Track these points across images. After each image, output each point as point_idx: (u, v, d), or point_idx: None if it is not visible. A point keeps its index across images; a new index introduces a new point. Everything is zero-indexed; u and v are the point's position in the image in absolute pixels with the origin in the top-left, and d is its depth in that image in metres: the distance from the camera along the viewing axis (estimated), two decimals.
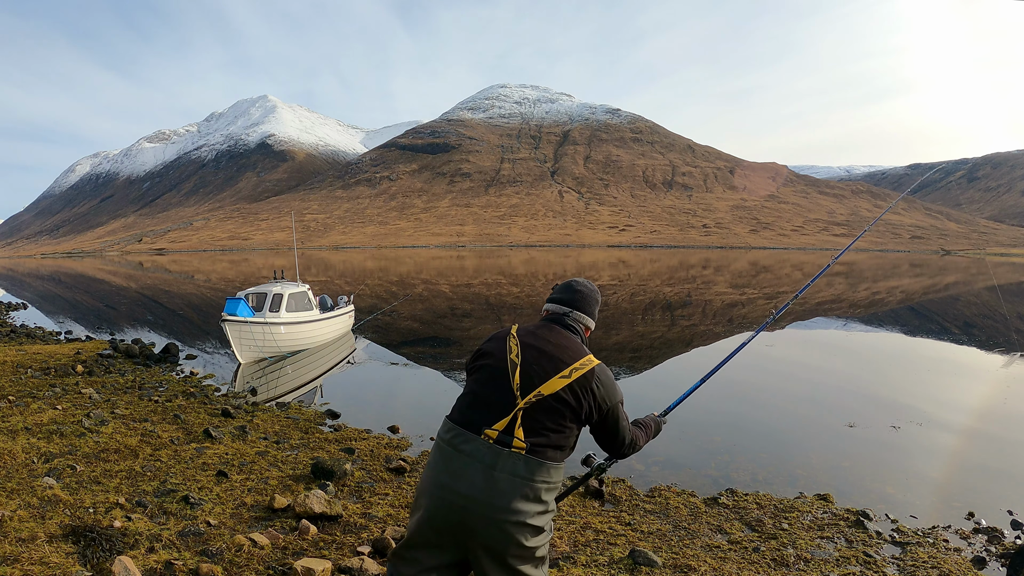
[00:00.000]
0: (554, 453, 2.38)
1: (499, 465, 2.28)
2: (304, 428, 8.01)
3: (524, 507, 2.28)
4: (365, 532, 4.69)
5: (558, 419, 2.39)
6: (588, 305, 2.74)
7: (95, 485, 5.26)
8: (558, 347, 2.51)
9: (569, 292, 2.73)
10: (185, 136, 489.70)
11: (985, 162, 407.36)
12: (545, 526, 2.39)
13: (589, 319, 2.75)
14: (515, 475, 2.28)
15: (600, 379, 2.50)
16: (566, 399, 2.40)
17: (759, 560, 4.58)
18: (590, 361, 2.52)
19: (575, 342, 2.58)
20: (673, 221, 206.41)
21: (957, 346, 16.19)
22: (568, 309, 2.70)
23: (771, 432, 8.58)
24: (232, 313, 12.81)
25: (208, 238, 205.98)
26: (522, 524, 2.28)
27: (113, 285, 44.99)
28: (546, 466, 2.33)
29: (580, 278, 2.84)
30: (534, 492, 2.30)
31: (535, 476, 2.30)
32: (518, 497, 2.27)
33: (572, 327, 2.66)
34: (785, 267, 61.35)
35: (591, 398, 2.47)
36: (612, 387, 2.55)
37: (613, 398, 2.54)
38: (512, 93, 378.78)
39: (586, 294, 2.75)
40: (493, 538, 2.29)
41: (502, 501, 2.26)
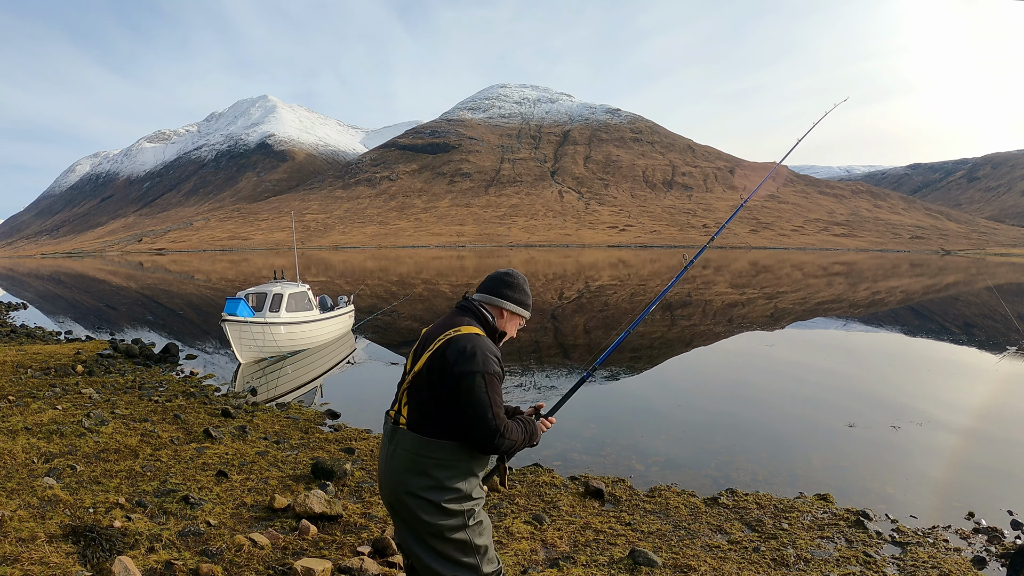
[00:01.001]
0: (437, 431, 2.38)
1: (394, 440, 2.46)
2: (304, 428, 8.01)
3: (413, 480, 2.38)
4: (365, 532, 4.69)
5: (428, 393, 2.40)
6: (498, 287, 2.68)
7: (95, 485, 5.26)
8: (441, 325, 2.55)
9: (485, 279, 2.76)
10: (185, 136, 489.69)
11: (985, 162, 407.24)
12: (445, 503, 2.38)
13: (499, 299, 2.66)
14: (404, 449, 2.41)
15: (452, 343, 2.37)
16: (429, 370, 2.40)
17: (759, 560, 4.58)
18: (458, 331, 2.43)
19: (460, 318, 2.54)
20: (673, 221, 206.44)
21: (957, 346, 16.19)
22: (476, 293, 2.72)
23: (771, 432, 8.58)
24: (232, 313, 12.81)
25: (208, 238, 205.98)
26: (415, 496, 2.38)
27: (113, 285, 44.99)
28: (428, 442, 2.38)
29: (509, 269, 2.80)
30: (420, 466, 2.38)
31: (419, 451, 2.38)
32: (407, 471, 2.40)
33: (470, 308, 2.62)
34: (785, 267, 61.34)
35: (439, 364, 2.36)
36: (469, 354, 2.33)
37: (466, 364, 2.31)
38: (512, 93, 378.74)
39: (493, 277, 2.73)
40: (397, 510, 2.46)
41: (396, 474, 2.43)
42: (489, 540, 2.55)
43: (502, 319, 2.69)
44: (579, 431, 8.41)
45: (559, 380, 11.77)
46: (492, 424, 2.32)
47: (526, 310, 2.76)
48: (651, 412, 9.70)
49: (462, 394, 2.33)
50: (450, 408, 2.37)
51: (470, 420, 2.33)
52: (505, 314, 2.69)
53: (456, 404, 2.35)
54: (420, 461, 2.38)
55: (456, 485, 2.41)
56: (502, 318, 2.69)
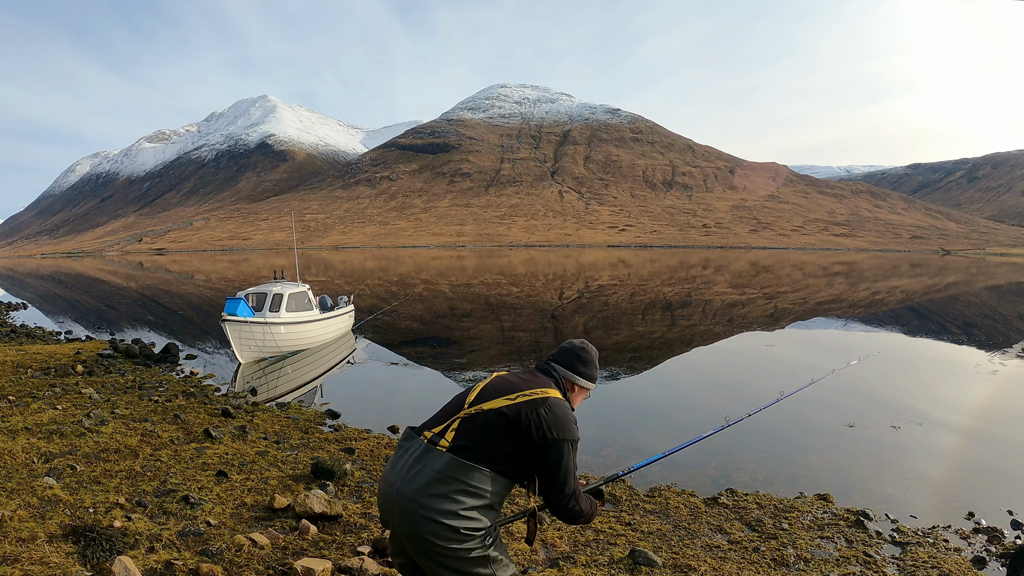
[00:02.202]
0: (478, 458, 2.41)
1: (424, 459, 2.44)
2: (304, 428, 8.01)
3: (433, 503, 2.36)
4: (365, 532, 4.69)
5: (490, 430, 2.45)
6: (572, 361, 2.82)
7: (95, 485, 5.26)
8: (522, 380, 2.63)
9: (561, 351, 2.88)
10: (185, 136, 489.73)
11: (985, 162, 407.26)
12: (464, 530, 2.37)
13: (572, 375, 2.80)
14: (434, 470, 2.39)
15: (551, 407, 2.50)
16: (505, 414, 2.47)
17: (759, 560, 4.58)
18: (547, 392, 2.55)
19: (543, 380, 2.66)
20: (673, 221, 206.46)
21: (957, 346, 16.19)
22: (552, 363, 2.85)
23: (771, 432, 8.58)
24: (232, 313, 12.81)
25: (208, 238, 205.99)
26: (429, 519, 2.35)
27: (113, 285, 44.99)
28: (465, 467, 2.38)
29: (578, 340, 2.92)
30: (448, 490, 2.36)
31: (452, 474, 2.38)
32: (429, 492, 2.37)
33: (553, 376, 2.76)
34: (785, 267, 61.35)
35: (534, 419, 2.46)
36: (565, 422, 2.50)
37: (562, 432, 2.48)
38: (512, 93, 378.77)
39: (569, 351, 2.85)
40: (405, 528, 2.42)
41: (414, 492, 2.38)
42: (504, 551, 2.56)
43: (573, 392, 2.83)
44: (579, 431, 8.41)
45: None
46: (570, 490, 2.50)
47: (594, 384, 2.89)
48: (651, 412, 9.70)
49: (552, 457, 2.45)
50: (523, 459, 2.46)
51: (554, 482, 2.48)
52: (576, 388, 2.83)
53: (536, 461, 2.47)
54: (447, 483, 2.37)
55: (476, 515, 2.41)
56: (573, 392, 2.83)
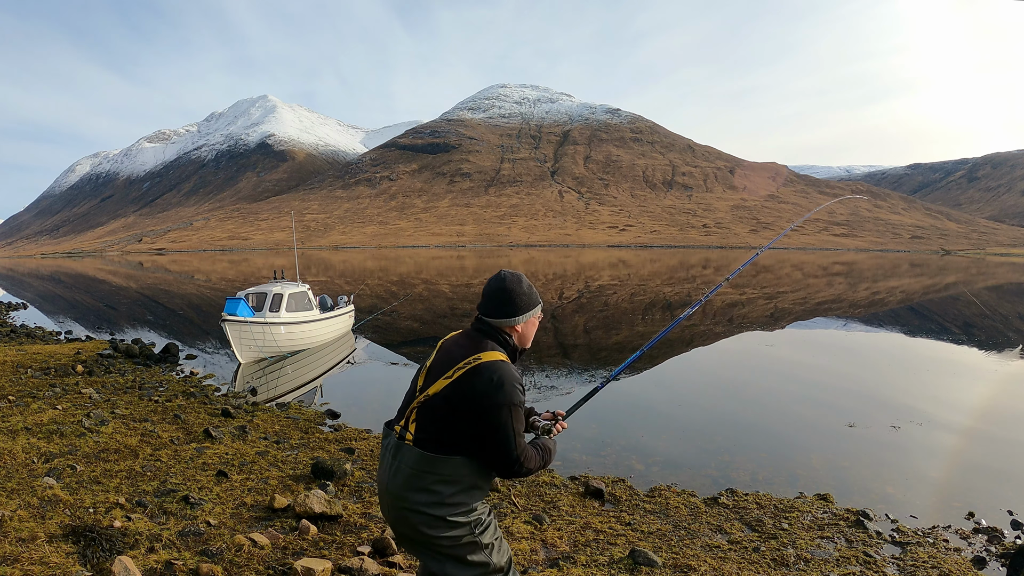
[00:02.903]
0: (442, 447, 2.38)
1: (398, 456, 2.45)
2: (304, 428, 8.01)
3: (416, 496, 2.39)
4: (365, 532, 4.69)
5: (443, 416, 2.40)
6: (500, 306, 2.57)
7: (95, 485, 5.25)
8: (460, 348, 2.50)
9: (483, 300, 2.64)
10: (185, 136, 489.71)
11: (985, 162, 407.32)
12: (450, 517, 2.40)
13: (506, 320, 2.58)
14: (408, 466, 2.41)
15: (480, 374, 2.36)
16: (447, 396, 2.39)
17: (759, 560, 4.58)
18: (480, 358, 2.40)
19: (482, 342, 2.50)
20: (673, 221, 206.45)
21: (957, 346, 16.19)
22: (481, 316, 2.63)
23: (771, 432, 8.58)
24: (232, 313, 12.81)
25: (208, 238, 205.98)
26: (418, 512, 2.39)
27: (113, 285, 44.99)
28: (434, 459, 2.38)
29: (501, 275, 2.64)
30: (423, 482, 2.39)
31: (423, 467, 2.39)
32: (410, 487, 2.40)
33: (484, 330, 2.58)
34: (785, 267, 61.34)
35: (467, 392, 2.36)
36: (497, 385, 2.33)
37: (494, 397, 2.32)
38: (512, 93, 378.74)
39: (497, 297, 2.59)
40: (399, 527, 2.48)
41: (398, 489, 2.42)
42: (497, 534, 2.57)
43: (519, 334, 2.64)
44: (579, 431, 8.41)
45: (559, 380, 11.77)
46: (514, 455, 2.38)
47: (536, 307, 2.68)
48: (651, 412, 9.69)
49: (488, 425, 2.34)
50: (469, 433, 2.38)
51: (493, 451, 2.37)
52: (520, 327, 2.63)
53: (478, 432, 2.36)
54: (423, 477, 2.39)
55: (460, 499, 2.43)
56: (518, 332, 2.64)
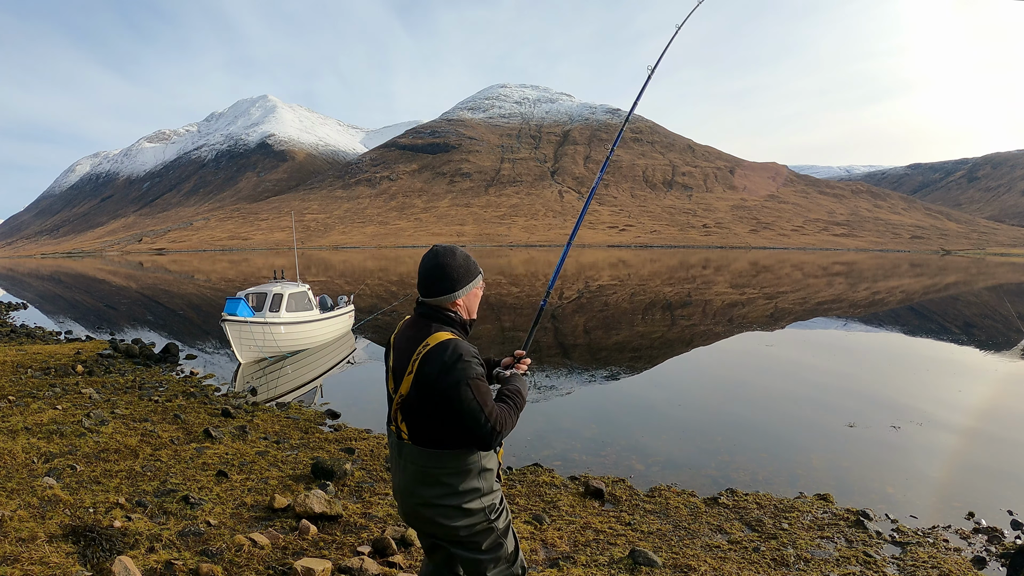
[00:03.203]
0: (437, 442, 2.39)
1: (402, 454, 2.48)
2: (304, 428, 8.01)
3: (428, 491, 2.42)
4: (365, 532, 4.69)
5: (418, 411, 2.40)
6: (436, 284, 2.48)
7: (95, 485, 5.26)
8: (411, 337, 2.46)
9: (420, 279, 2.55)
10: (185, 136, 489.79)
11: (985, 162, 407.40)
12: (465, 505, 2.43)
13: (445, 298, 2.49)
14: (414, 463, 2.44)
15: (431, 358, 2.33)
16: (414, 391, 2.38)
17: (759, 560, 4.58)
18: (428, 343, 2.36)
19: (427, 326, 2.45)
20: (673, 221, 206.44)
21: (957, 346, 16.18)
22: (421, 299, 2.57)
23: (771, 432, 8.58)
24: (232, 313, 12.81)
25: (208, 238, 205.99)
26: (432, 506, 2.43)
27: (113, 285, 44.99)
28: (436, 454, 2.39)
29: (434, 250, 2.53)
30: (432, 477, 2.42)
31: (428, 463, 2.41)
32: (420, 482, 2.44)
33: (426, 313, 2.52)
34: (785, 267, 61.34)
35: (425, 380, 2.33)
36: (449, 365, 2.29)
37: (449, 377, 2.28)
38: (512, 93, 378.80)
39: (425, 275, 2.51)
40: (415, 519, 2.52)
41: (409, 485, 2.47)
42: (508, 518, 2.63)
43: (461, 308, 2.56)
44: (579, 431, 8.42)
45: (559, 380, 11.77)
46: (487, 427, 2.31)
47: (476, 277, 2.58)
48: (651, 412, 9.70)
49: (453, 406, 2.30)
50: (446, 421, 2.36)
51: (466, 429, 2.33)
52: (460, 301, 2.54)
53: (450, 416, 2.33)
54: (431, 472, 2.41)
55: (473, 486, 2.44)
56: (460, 307, 2.55)
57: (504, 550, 2.55)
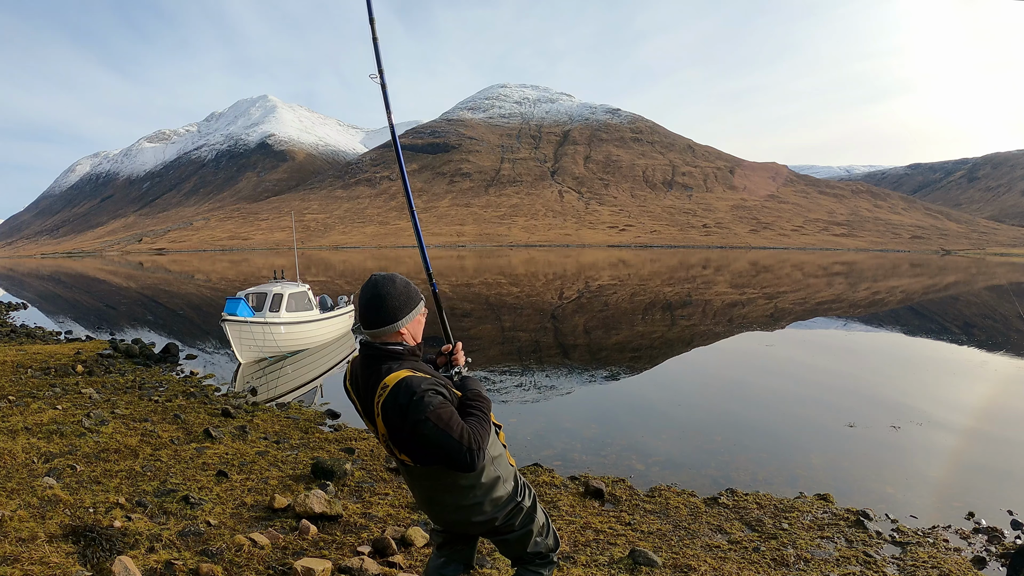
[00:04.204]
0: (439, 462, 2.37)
1: (414, 476, 2.58)
2: (304, 428, 8.01)
3: (448, 499, 2.56)
4: (365, 532, 4.69)
5: (406, 446, 2.39)
6: (379, 316, 2.42)
7: (95, 485, 5.26)
8: (366, 385, 2.45)
9: (361, 312, 2.49)
10: (185, 136, 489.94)
11: (985, 162, 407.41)
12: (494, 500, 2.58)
13: (384, 328, 2.44)
14: (427, 487, 2.57)
15: (392, 403, 2.31)
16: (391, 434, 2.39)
17: (759, 560, 4.58)
18: (386, 386, 2.34)
19: (376, 371, 2.42)
20: (673, 221, 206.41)
21: (957, 346, 16.18)
22: (364, 339, 2.54)
23: (771, 432, 8.58)
24: (232, 313, 12.82)
25: (208, 238, 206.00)
26: (460, 508, 2.57)
27: (113, 285, 44.99)
28: (441, 473, 2.47)
29: (372, 280, 2.47)
30: (448, 487, 2.53)
31: (441, 482, 2.52)
32: (438, 493, 2.56)
33: (372, 355, 2.47)
34: (785, 267, 61.34)
35: (394, 425, 2.34)
36: (409, 406, 2.27)
37: (412, 416, 2.27)
38: (512, 93, 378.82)
39: (365, 308, 2.45)
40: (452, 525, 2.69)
41: (432, 500, 2.60)
42: (532, 492, 2.82)
43: (406, 335, 2.49)
44: (579, 431, 8.42)
45: (559, 380, 11.78)
46: (463, 451, 2.28)
47: (417, 305, 2.53)
48: (651, 412, 9.70)
49: (424, 442, 2.30)
50: (428, 452, 2.36)
51: (444, 458, 2.31)
52: (403, 331, 2.48)
53: (427, 449, 2.34)
54: (448, 483, 2.52)
55: (491, 476, 2.57)
56: (403, 335, 2.48)
57: (536, 522, 2.76)
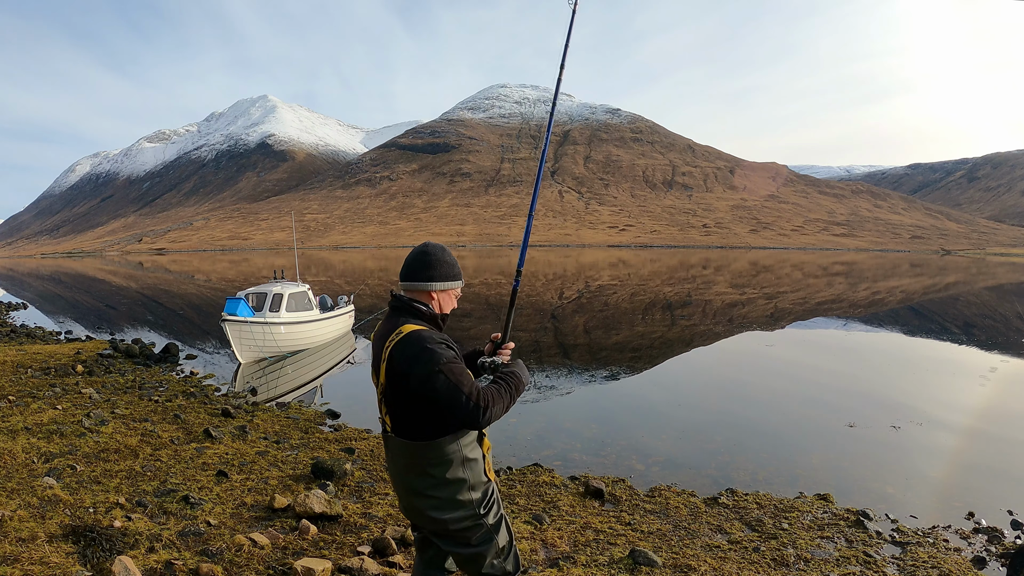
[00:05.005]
0: (419, 433, 2.39)
1: (391, 447, 2.53)
2: (304, 428, 8.01)
3: (417, 481, 2.46)
4: (365, 532, 4.69)
5: (398, 402, 2.41)
6: (414, 272, 2.54)
7: (95, 485, 5.26)
8: (383, 333, 2.49)
9: (405, 265, 2.59)
10: (185, 136, 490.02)
11: (985, 162, 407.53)
12: (457, 496, 2.45)
13: (420, 284, 2.53)
14: (400, 455, 2.48)
15: (402, 347, 2.34)
16: (389, 382, 2.40)
17: (759, 560, 4.58)
18: (400, 332, 2.38)
19: (396, 320, 2.47)
20: (673, 221, 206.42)
21: (957, 346, 16.18)
22: (395, 292, 2.61)
23: (771, 432, 8.58)
24: (232, 313, 12.81)
25: (208, 238, 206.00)
26: (423, 496, 2.46)
27: (113, 285, 44.99)
28: (416, 445, 2.41)
29: (425, 244, 2.61)
30: (418, 467, 2.44)
31: (414, 455, 2.43)
32: (408, 474, 2.48)
33: (397, 306, 2.54)
34: (785, 267, 61.33)
35: (398, 369, 2.34)
36: (419, 353, 2.29)
37: (420, 368, 2.28)
38: (512, 93, 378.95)
39: (411, 262, 2.56)
40: (410, 511, 2.57)
41: (400, 477, 2.52)
42: (500, 512, 2.61)
43: (434, 300, 2.57)
44: (579, 431, 8.42)
45: (559, 380, 11.77)
46: (470, 405, 2.29)
47: (455, 281, 2.61)
48: (651, 412, 9.70)
49: (429, 395, 2.29)
50: (424, 410, 2.36)
51: (448, 413, 2.31)
52: (435, 295, 2.57)
53: (428, 404, 2.33)
54: (415, 463, 2.44)
55: (458, 476, 2.45)
56: (434, 299, 2.57)
57: (495, 544, 2.54)
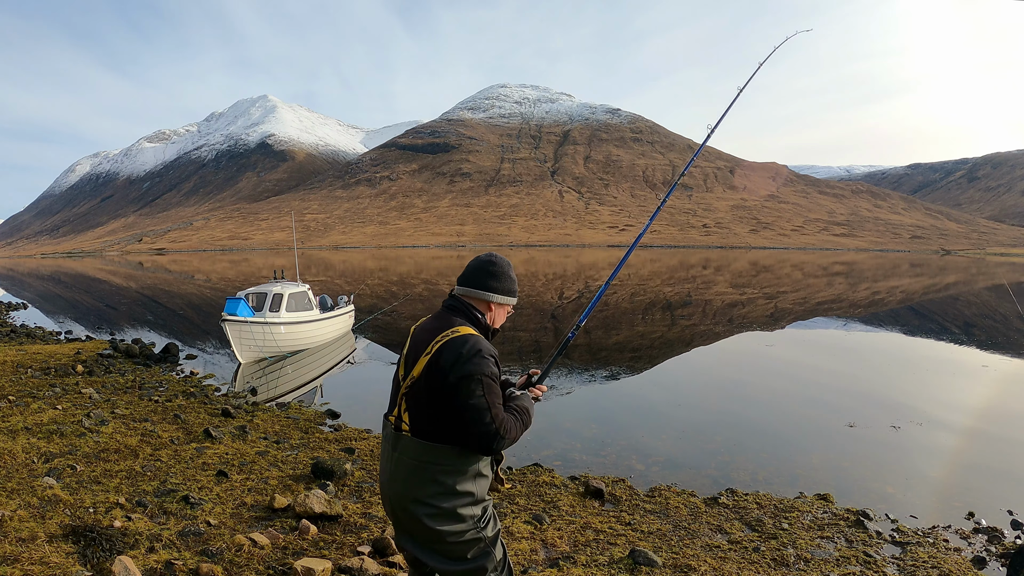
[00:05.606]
0: (441, 435, 2.32)
1: (398, 447, 2.40)
2: (304, 428, 8.01)
3: (421, 488, 2.33)
4: (365, 532, 4.69)
5: (425, 400, 2.34)
6: (477, 278, 2.55)
7: (95, 485, 5.26)
8: (433, 328, 2.44)
9: (468, 270, 2.60)
10: (185, 136, 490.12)
11: (985, 162, 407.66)
12: (458, 509, 2.35)
13: (480, 292, 2.53)
14: (409, 456, 2.36)
15: (451, 347, 2.29)
16: (425, 376, 2.33)
17: (759, 560, 4.58)
18: (457, 331, 2.35)
19: (451, 319, 2.45)
20: (673, 221, 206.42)
21: (957, 346, 16.18)
22: (456, 289, 2.59)
23: (771, 432, 8.58)
24: (232, 313, 12.81)
25: (208, 238, 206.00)
26: (423, 504, 2.33)
27: (113, 285, 44.99)
28: (433, 447, 2.32)
29: (492, 254, 2.63)
30: (427, 473, 2.34)
31: (425, 457, 2.33)
32: (413, 478, 2.35)
33: (455, 307, 2.53)
34: (785, 267, 61.34)
35: (439, 367, 2.29)
36: (468, 356, 2.26)
37: (463, 369, 2.24)
38: (512, 93, 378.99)
39: (476, 268, 2.58)
40: (402, 518, 2.41)
41: (401, 482, 2.37)
42: (497, 527, 2.54)
43: (491, 312, 2.58)
44: (579, 431, 8.42)
45: (559, 380, 11.77)
46: (491, 428, 2.26)
47: (513, 298, 2.64)
48: (651, 412, 9.70)
49: (460, 399, 2.26)
50: (451, 413, 2.31)
51: (468, 424, 2.27)
52: (493, 307, 2.58)
53: (454, 410, 2.29)
54: (427, 468, 2.34)
55: (467, 489, 2.37)
56: (490, 311, 2.58)
57: (492, 559, 2.47)
